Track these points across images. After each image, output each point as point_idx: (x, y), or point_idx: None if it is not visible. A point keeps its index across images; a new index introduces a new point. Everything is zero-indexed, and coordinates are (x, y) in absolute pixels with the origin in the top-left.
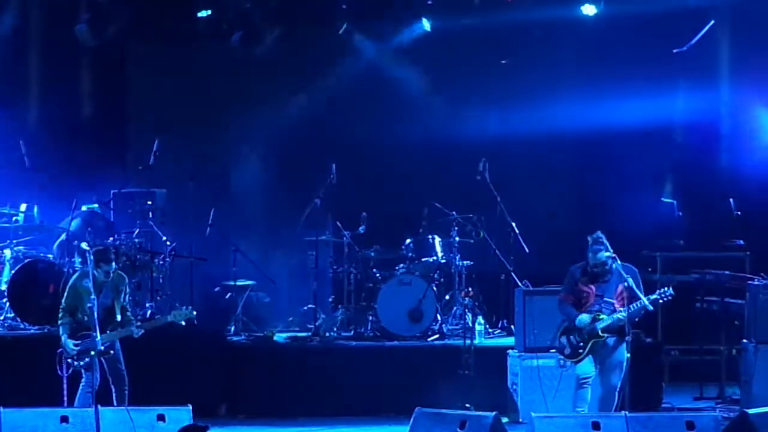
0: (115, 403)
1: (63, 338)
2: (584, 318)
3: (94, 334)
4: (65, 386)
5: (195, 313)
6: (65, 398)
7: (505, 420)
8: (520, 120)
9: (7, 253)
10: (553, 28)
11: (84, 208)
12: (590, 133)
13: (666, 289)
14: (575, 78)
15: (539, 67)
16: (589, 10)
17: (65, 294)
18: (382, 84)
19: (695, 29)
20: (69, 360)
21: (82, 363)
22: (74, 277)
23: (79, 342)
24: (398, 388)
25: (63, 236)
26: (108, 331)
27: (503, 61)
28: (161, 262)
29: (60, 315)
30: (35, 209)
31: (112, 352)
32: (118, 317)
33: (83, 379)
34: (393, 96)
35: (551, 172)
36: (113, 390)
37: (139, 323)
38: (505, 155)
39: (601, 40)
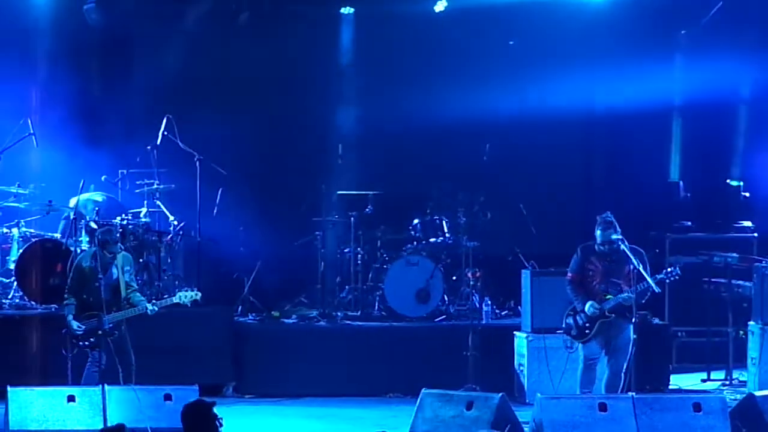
0: (121, 383)
1: (68, 318)
2: (593, 306)
3: (101, 313)
4: (70, 366)
5: (200, 294)
6: (70, 378)
7: (511, 401)
8: (527, 101)
9: (15, 232)
10: (562, 9)
11: (92, 188)
12: (598, 113)
13: (672, 268)
14: (583, 59)
15: (547, 47)
16: None
17: (70, 275)
18: (388, 64)
19: (705, 10)
20: (74, 340)
21: (87, 343)
22: (79, 257)
23: (84, 322)
24: (405, 368)
25: (71, 215)
26: (114, 311)
27: (511, 42)
28: (169, 242)
29: (65, 296)
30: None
31: (116, 333)
32: (123, 295)
33: (89, 359)
34: (400, 76)
35: (558, 153)
36: (120, 370)
37: (154, 300)
38: (513, 136)
39: (610, 21)
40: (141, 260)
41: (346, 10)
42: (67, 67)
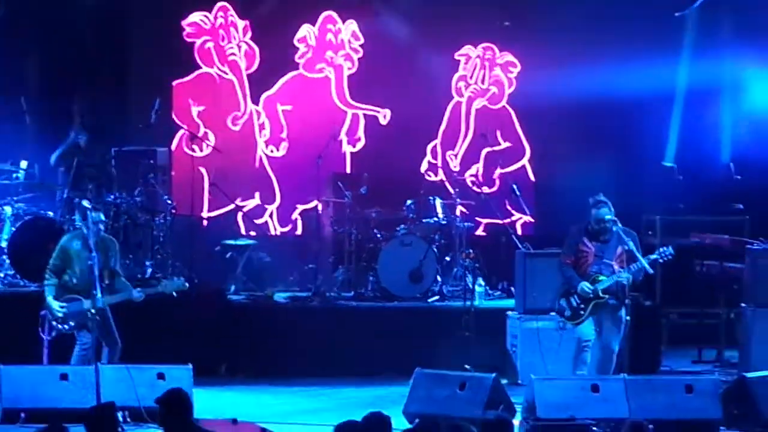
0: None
1: (48, 299)
2: (586, 287)
3: (94, 292)
4: (46, 349)
5: (187, 284)
6: (45, 362)
7: (504, 381)
8: (521, 83)
9: (8, 210)
10: None
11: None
12: (591, 96)
13: (665, 248)
14: (577, 42)
15: (541, 30)
16: None
17: (54, 254)
18: (388, 46)
19: None
20: (53, 322)
21: (66, 326)
22: (65, 237)
23: (65, 304)
24: (398, 348)
25: (65, 193)
26: (96, 295)
27: (506, 23)
28: (162, 221)
29: (46, 275)
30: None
31: (98, 318)
32: (106, 281)
33: (78, 342)
34: (399, 58)
35: (551, 136)
36: (107, 351)
37: (139, 288)
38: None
39: (609, 4)
40: (134, 240)
41: None
42: (60, 44)
